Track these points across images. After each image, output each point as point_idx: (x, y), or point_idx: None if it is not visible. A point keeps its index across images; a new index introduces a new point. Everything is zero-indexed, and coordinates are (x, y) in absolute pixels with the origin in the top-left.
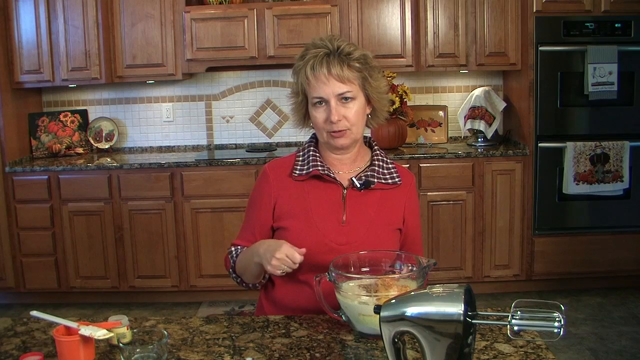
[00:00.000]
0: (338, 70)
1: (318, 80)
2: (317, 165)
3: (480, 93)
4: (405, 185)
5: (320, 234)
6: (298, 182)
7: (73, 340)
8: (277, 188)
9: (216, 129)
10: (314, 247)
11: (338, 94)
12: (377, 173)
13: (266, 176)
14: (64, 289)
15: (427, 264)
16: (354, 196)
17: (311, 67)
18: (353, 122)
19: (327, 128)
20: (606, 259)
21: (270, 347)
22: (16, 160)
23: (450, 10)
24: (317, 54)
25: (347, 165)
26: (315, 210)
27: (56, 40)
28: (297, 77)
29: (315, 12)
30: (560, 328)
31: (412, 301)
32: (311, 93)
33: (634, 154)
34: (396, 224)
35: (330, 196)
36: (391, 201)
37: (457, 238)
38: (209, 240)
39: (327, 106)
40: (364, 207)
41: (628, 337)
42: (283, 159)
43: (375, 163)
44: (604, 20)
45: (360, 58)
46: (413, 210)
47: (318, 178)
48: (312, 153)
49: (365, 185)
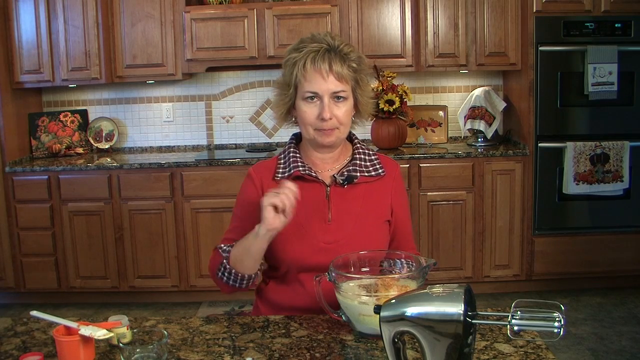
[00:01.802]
0: (338, 67)
1: (317, 74)
2: (297, 166)
3: (480, 93)
4: (389, 175)
5: (307, 235)
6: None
7: (73, 340)
8: (262, 191)
9: (216, 129)
10: (302, 248)
11: (333, 92)
12: (359, 167)
13: (251, 179)
14: (64, 289)
15: (427, 264)
16: (338, 193)
17: (312, 60)
18: (342, 122)
19: (316, 125)
20: (606, 259)
21: (270, 347)
22: (16, 160)
23: (450, 10)
24: (320, 49)
25: (330, 163)
26: (300, 211)
27: (56, 40)
28: (291, 68)
29: (315, 12)
30: (560, 328)
31: (412, 301)
32: (305, 87)
33: (634, 154)
34: (384, 216)
35: (314, 196)
36: (376, 193)
37: (457, 238)
38: (209, 240)
39: (320, 102)
40: (349, 203)
41: (628, 337)
42: (266, 161)
43: (357, 157)
44: (604, 20)
45: (356, 60)
46: (400, 199)
47: (300, 179)
48: (293, 154)
49: (348, 180)
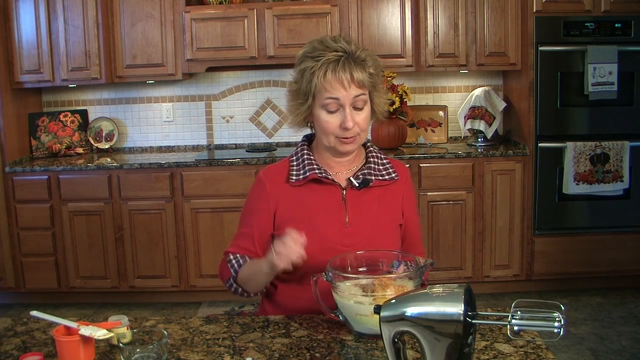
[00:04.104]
0: (359, 75)
1: (338, 84)
2: (313, 168)
3: (480, 93)
4: (402, 180)
5: (325, 238)
6: (295, 188)
7: (73, 340)
8: (275, 195)
9: (216, 129)
10: (319, 251)
11: (354, 96)
12: (374, 170)
13: (262, 183)
14: (64, 289)
15: (425, 264)
16: (354, 196)
17: (333, 70)
18: (363, 128)
19: (338, 134)
20: (606, 259)
21: (270, 347)
22: (16, 160)
23: (450, 10)
24: (339, 58)
25: (345, 166)
26: (316, 214)
27: (56, 40)
28: (310, 77)
29: (315, 12)
30: (560, 328)
31: (412, 301)
32: (325, 96)
33: (634, 154)
34: (397, 220)
35: (330, 198)
36: (390, 197)
37: (457, 238)
38: (209, 240)
39: (341, 111)
40: (365, 206)
41: (628, 337)
42: (276, 165)
43: (371, 160)
44: (604, 20)
45: (373, 65)
46: (410, 204)
47: (315, 181)
48: (307, 156)
49: (364, 183)
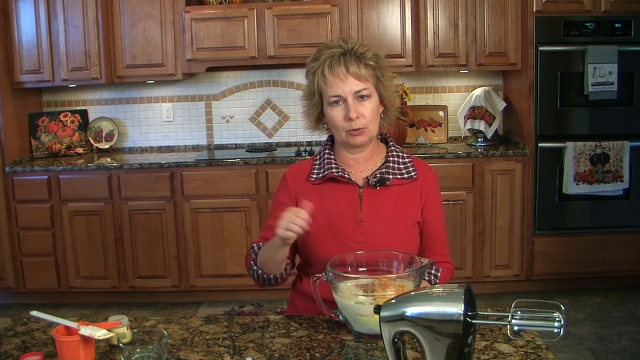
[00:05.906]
0: (355, 68)
1: (336, 78)
2: (331, 167)
3: (480, 93)
4: (422, 178)
5: (339, 234)
6: (316, 186)
7: (73, 340)
8: (296, 192)
9: (216, 129)
10: (334, 248)
11: (355, 91)
12: (392, 169)
13: (285, 180)
14: (64, 289)
15: (425, 264)
16: (371, 194)
17: (329, 66)
18: (370, 120)
19: (346, 126)
20: (606, 259)
21: (270, 347)
22: (16, 160)
23: (450, 10)
24: (334, 54)
25: (363, 163)
26: (333, 211)
27: (56, 40)
28: (312, 77)
29: (315, 12)
30: (560, 328)
31: (412, 301)
32: (328, 92)
33: (634, 154)
34: (415, 218)
35: (347, 196)
36: (408, 196)
37: (457, 238)
38: (209, 240)
39: (345, 104)
40: (381, 204)
41: (628, 337)
42: (301, 163)
43: (390, 159)
44: (604, 20)
45: (373, 57)
46: (432, 203)
47: (333, 180)
48: (327, 156)
49: (380, 182)
